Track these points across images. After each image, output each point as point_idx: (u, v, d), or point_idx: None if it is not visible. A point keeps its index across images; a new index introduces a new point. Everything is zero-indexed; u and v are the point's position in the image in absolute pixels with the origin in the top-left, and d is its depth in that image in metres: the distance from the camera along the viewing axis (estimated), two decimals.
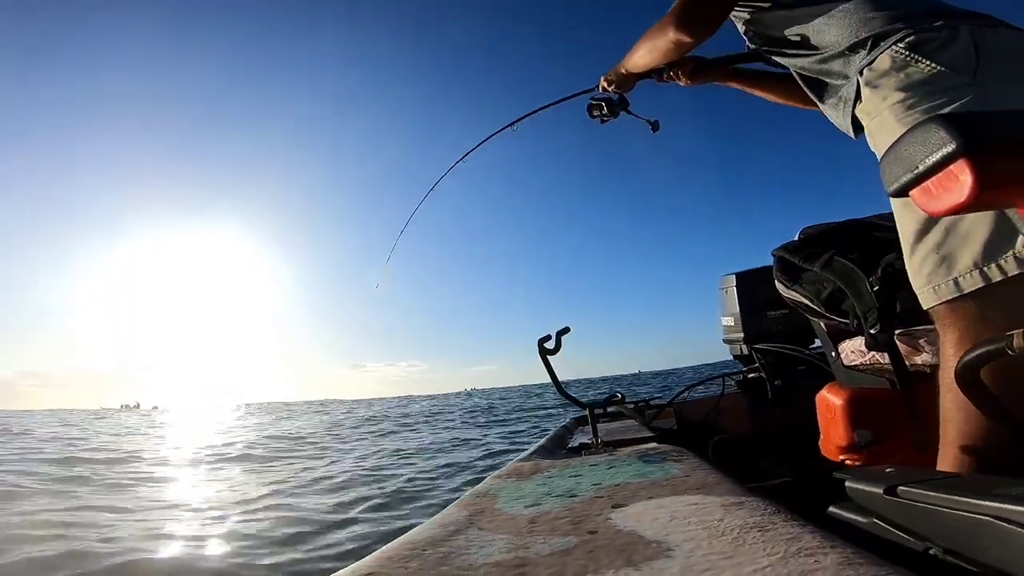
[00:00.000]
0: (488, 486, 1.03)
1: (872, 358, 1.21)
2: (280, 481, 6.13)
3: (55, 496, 5.15)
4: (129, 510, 4.68)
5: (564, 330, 1.57)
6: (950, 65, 0.92)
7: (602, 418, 2.09)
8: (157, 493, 5.73)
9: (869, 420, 1.21)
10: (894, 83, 0.96)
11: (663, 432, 1.66)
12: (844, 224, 1.40)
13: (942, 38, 0.94)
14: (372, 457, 8.27)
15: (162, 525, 4.15)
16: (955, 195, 0.43)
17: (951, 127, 0.42)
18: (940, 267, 0.88)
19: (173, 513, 4.64)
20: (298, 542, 3.60)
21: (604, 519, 0.72)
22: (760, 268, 2.40)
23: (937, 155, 0.43)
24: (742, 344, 2.39)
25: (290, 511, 4.48)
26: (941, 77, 0.92)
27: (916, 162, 0.45)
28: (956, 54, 0.93)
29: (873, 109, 0.99)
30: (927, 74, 0.93)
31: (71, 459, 8.08)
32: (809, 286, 1.33)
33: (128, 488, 5.92)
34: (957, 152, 0.41)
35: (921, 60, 0.94)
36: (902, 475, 0.69)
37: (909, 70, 0.95)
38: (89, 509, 4.62)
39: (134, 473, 7.10)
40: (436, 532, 0.73)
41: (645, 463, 1.10)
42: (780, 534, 0.57)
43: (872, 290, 1.14)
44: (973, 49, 0.92)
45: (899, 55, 0.96)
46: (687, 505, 0.74)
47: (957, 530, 0.55)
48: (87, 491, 5.54)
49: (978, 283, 0.83)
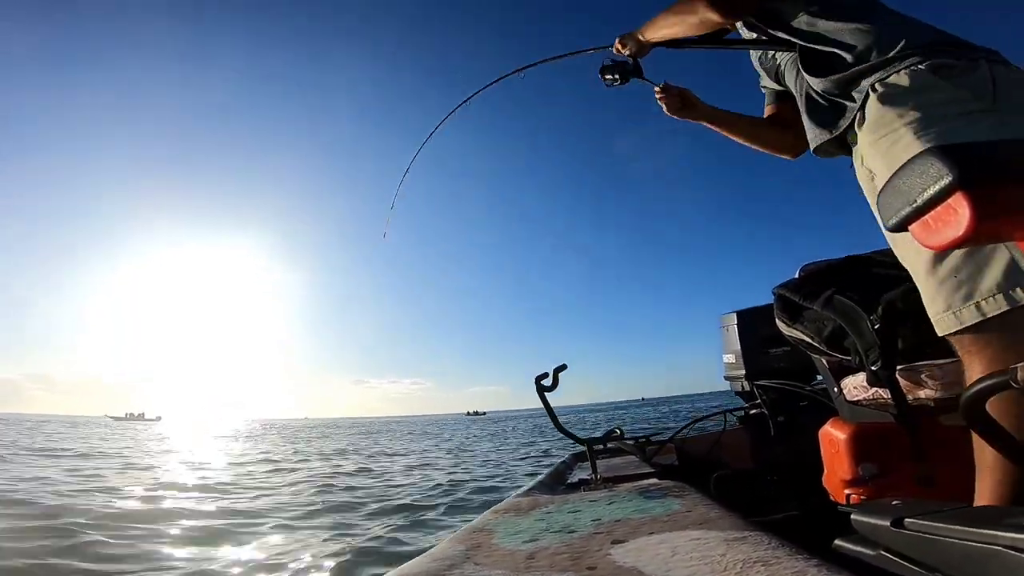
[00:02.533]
0: (485, 521, 1.01)
1: (875, 393, 1.20)
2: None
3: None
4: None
5: (561, 367, 1.57)
6: (970, 90, 0.94)
7: (601, 454, 2.06)
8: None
9: (873, 454, 1.20)
10: (912, 101, 0.96)
11: (664, 468, 1.64)
12: (844, 261, 1.41)
13: (962, 66, 0.97)
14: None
15: None
16: (953, 229, 0.42)
17: (947, 159, 0.42)
18: (959, 292, 0.86)
19: None
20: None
21: (604, 555, 0.70)
22: (761, 306, 2.41)
23: (934, 188, 0.42)
24: (744, 381, 2.38)
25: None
26: (962, 100, 0.94)
27: (914, 195, 0.45)
28: (976, 81, 0.95)
29: (884, 125, 0.99)
30: (948, 96, 0.95)
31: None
32: (810, 324, 1.33)
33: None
34: (954, 185, 0.41)
35: (942, 81, 0.96)
36: (909, 507, 0.67)
37: (930, 91, 0.96)
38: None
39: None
40: (431, 566, 0.71)
41: (646, 499, 1.08)
42: (785, 568, 0.56)
43: (873, 328, 1.14)
44: (991, 80, 0.95)
45: (919, 75, 0.98)
46: (689, 540, 0.72)
47: (966, 561, 0.54)
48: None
49: (1002, 306, 0.81)
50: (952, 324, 0.87)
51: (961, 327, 0.86)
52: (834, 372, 1.40)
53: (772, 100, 1.51)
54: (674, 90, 1.56)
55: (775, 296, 1.46)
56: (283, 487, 7.24)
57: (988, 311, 0.82)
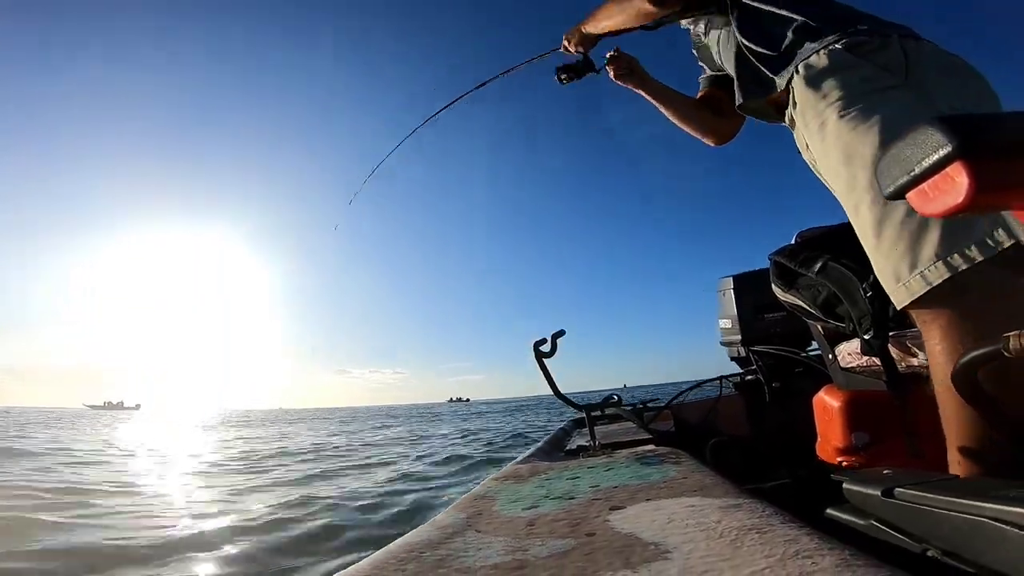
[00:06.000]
0: (486, 488, 1.03)
1: (869, 361, 1.21)
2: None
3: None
4: None
5: (559, 333, 1.57)
6: (885, 66, 0.98)
7: (599, 421, 2.09)
8: None
9: (867, 422, 1.21)
10: (832, 81, 1.00)
11: (661, 434, 1.66)
12: (840, 227, 1.40)
13: (875, 43, 1.01)
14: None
15: None
16: (952, 197, 0.43)
17: (948, 129, 0.42)
18: (903, 262, 0.86)
19: None
20: None
21: (602, 521, 0.72)
22: (757, 271, 2.41)
23: (934, 157, 0.43)
24: (740, 346, 2.39)
25: None
26: (878, 76, 0.97)
27: (913, 164, 0.45)
28: (889, 57, 0.99)
29: (811, 107, 1.02)
30: (864, 74, 0.98)
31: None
32: (805, 291, 1.34)
33: None
34: (954, 154, 0.41)
35: (858, 59, 0.99)
36: (899, 477, 0.69)
37: (847, 70, 1.00)
38: None
39: None
40: (434, 534, 0.73)
41: (643, 465, 1.09)
42: (778, 536, 0.57)
43: (866, 296, 1.15)
44: (903, 55, 0.99)
45: (836, 54, 1.02)
46: (685, 507, 0.74)
47: (954, 531, 0.55)
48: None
49: (944, 274, 0.82)
50: (904, 296, 0.87)
51: (912, 298, 0.86)
52: (829, 339, 1.41)
53: (707, 85, 1.55)
54: (624, 57, 1.60)
55: (771, 262, 1.46)
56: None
57: (932, 279, 0.83)
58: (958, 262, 0.81)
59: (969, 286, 0.81)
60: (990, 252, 0.80)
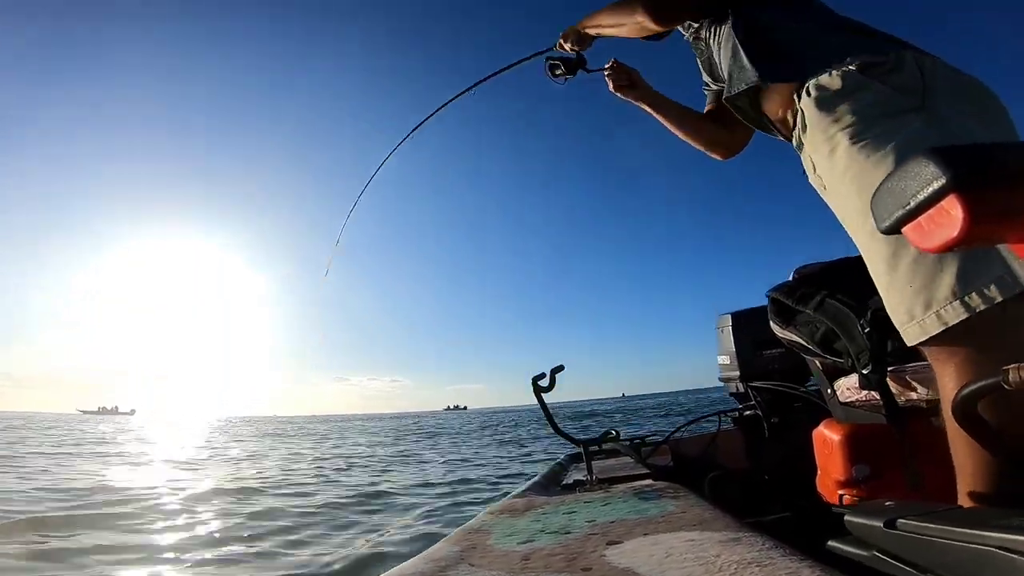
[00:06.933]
0: (480, 522, 1.01)
1: (868, 395, 1.21)
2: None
3: None
4: None
5: (558, 368, 1.57)
6: (901, 88, 0.93)
7: (597, 455, 2.06)
8: None
9: (867, 455, 1.20)
10: (844, 104, 0.95)
11: (659, 469, 1.64)
12: (837, 263, 1.42)
13: (890, 62, 0.96)
14: None
15: None
16: (947, 231, 0.42)
17: (942, 161, 0.42)
18: (918, 300, 0.83)
19: None
20: None
21: (599, 556, 0.70)
22: (755, 308, 2.42)
23: (928, 190, 0.43)
24: (738, 382, 2.38)
25: None
26: (894, 99, 0.92)
27: (908, 198, 0.45)
28: (905, 79, 0.94)
29: (822, 131, 0.97)
30: (878, 96, 0.93)
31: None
32: (803, 327, 1.34)
33: None
34: (948, 187, 0.41)
35: (871, 81, 0.95)
36: (902, 508, 0.68)
37: (860, 92, 0.95)
38: None
39: None
40: (426, 567, 0.71)
41: (641, 500, 1.08)
42: (779, 569, 0.56)
43: (864, 331, 1.15)
44: (920, 75, 0.94)
45: (849, 76, 0.97)
46: (684, 541, 0.72)
47: (958, 562, 0.54)
48: None
49: (961, 314, 0.78)
50: (917, 334, 0.84)
51: (926, 337, 0.83)
52: (828, 374, 1.40)
53: (713, 100, 1.49)
54: (623, 68, 1.58)
55: (769, 299, 1.47)
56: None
57: (949, 320, 0.79)
58: (976, 302, 0.77)
59: (986, 324, 0.78)
60: (1009, 292, 0.76)
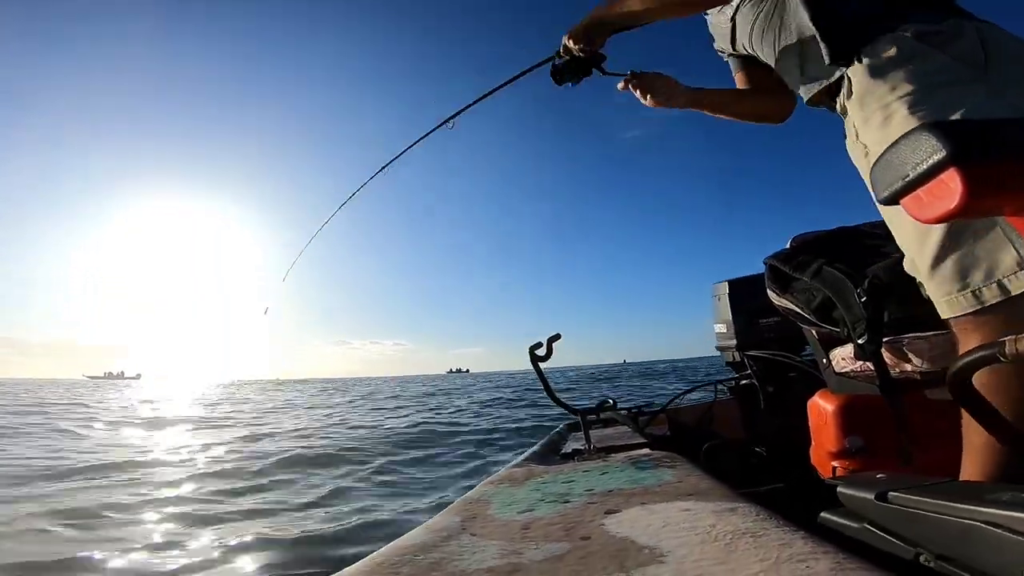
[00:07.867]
0: (481, 492, 1.02)
1: (863, 366, 1.21)
2: None
3: None
4: None
5: (555, 337, 1.57)
6: (961, 58, 0.90)
7: (595, 424, 2.09)
8: None
9: (860, 426, 1.22)
10: (902, 73, 0.91)
11: (656, 438, 1.66)
12: (835, 232, 1.41)
13: (948, 30, 0.93)
14: None
15: None
16: (945, 203, 0.43)
17: (942, 135, 0.42)
18: (955, 277, 0.83)
19: None
20: None
21: (597, 525, 0.71)
22: (752, 276, 2.42)
23: (928, 163, 0.43)
24: (734, 351, 2.40)
25: None
26: (953, 69, 0.89)
27: (907, 170, 0.45)
28: (965, 48, 0.91)
29: (876, 99, 0.94)
30: (938, 65, 0.90)
31: None
32: (800, 295, 1.34)
33: None
34: (947, 160, 0.41)
35: (930, 49, 0.91)
36: (893, 481, 0.69)
37: (918, 60, 0.91)
38: None
39: None
40: (428, 538, 0.73)
41: (638, 469, 1.09)
42: (772, 540, 0.58)
43: (860, 300, 1.15)
44: (980, 45, 0.90)
45: (905, 42, 0.93)
46: (680, 511, 0.74)
47: (948, 536, 0.55)
48: None
49: (997, 296, 0.79)
50: (952, 309, 0.85)
51: (961, 313, 0.83)
52: (823, 343, 1.41)
53: (739, 67, 1.41)
54: (646, 77, 1.43)
55: (766, 266, 1.47)
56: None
57: (987, 299, 0.80)
58: (1016, 285, 0.78)
59: (1020, 304, 0.78)
60: None
